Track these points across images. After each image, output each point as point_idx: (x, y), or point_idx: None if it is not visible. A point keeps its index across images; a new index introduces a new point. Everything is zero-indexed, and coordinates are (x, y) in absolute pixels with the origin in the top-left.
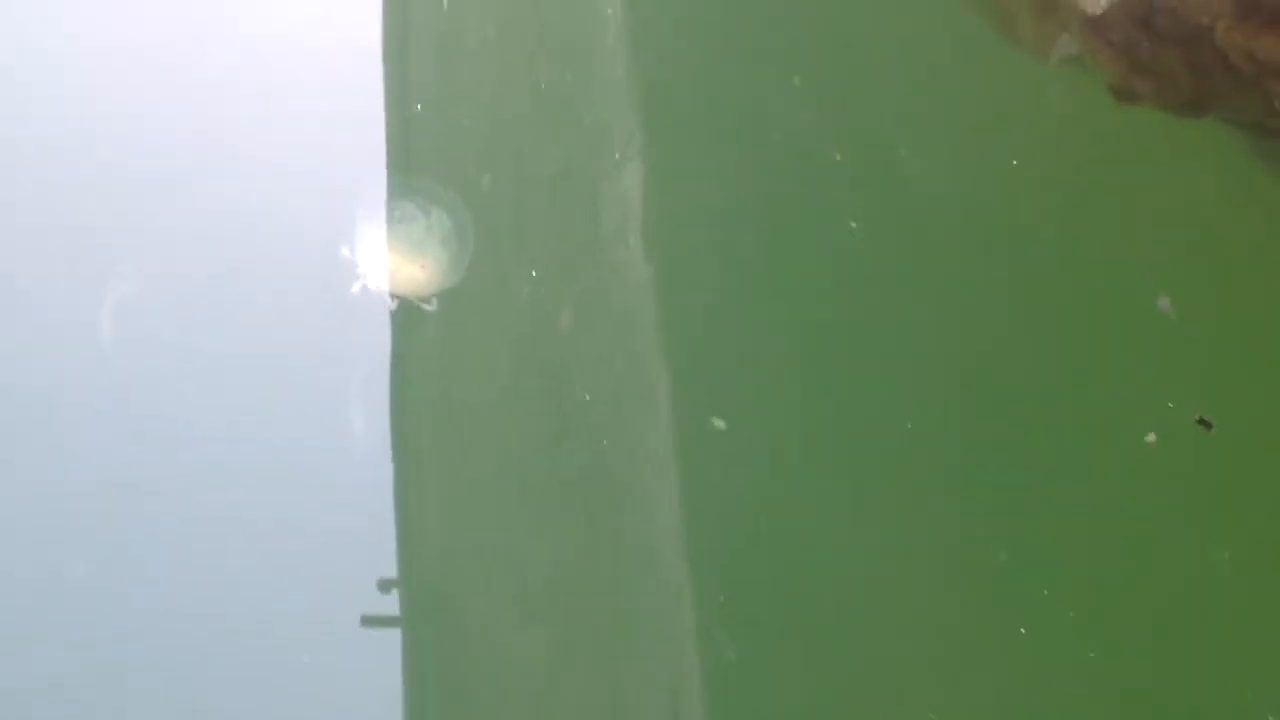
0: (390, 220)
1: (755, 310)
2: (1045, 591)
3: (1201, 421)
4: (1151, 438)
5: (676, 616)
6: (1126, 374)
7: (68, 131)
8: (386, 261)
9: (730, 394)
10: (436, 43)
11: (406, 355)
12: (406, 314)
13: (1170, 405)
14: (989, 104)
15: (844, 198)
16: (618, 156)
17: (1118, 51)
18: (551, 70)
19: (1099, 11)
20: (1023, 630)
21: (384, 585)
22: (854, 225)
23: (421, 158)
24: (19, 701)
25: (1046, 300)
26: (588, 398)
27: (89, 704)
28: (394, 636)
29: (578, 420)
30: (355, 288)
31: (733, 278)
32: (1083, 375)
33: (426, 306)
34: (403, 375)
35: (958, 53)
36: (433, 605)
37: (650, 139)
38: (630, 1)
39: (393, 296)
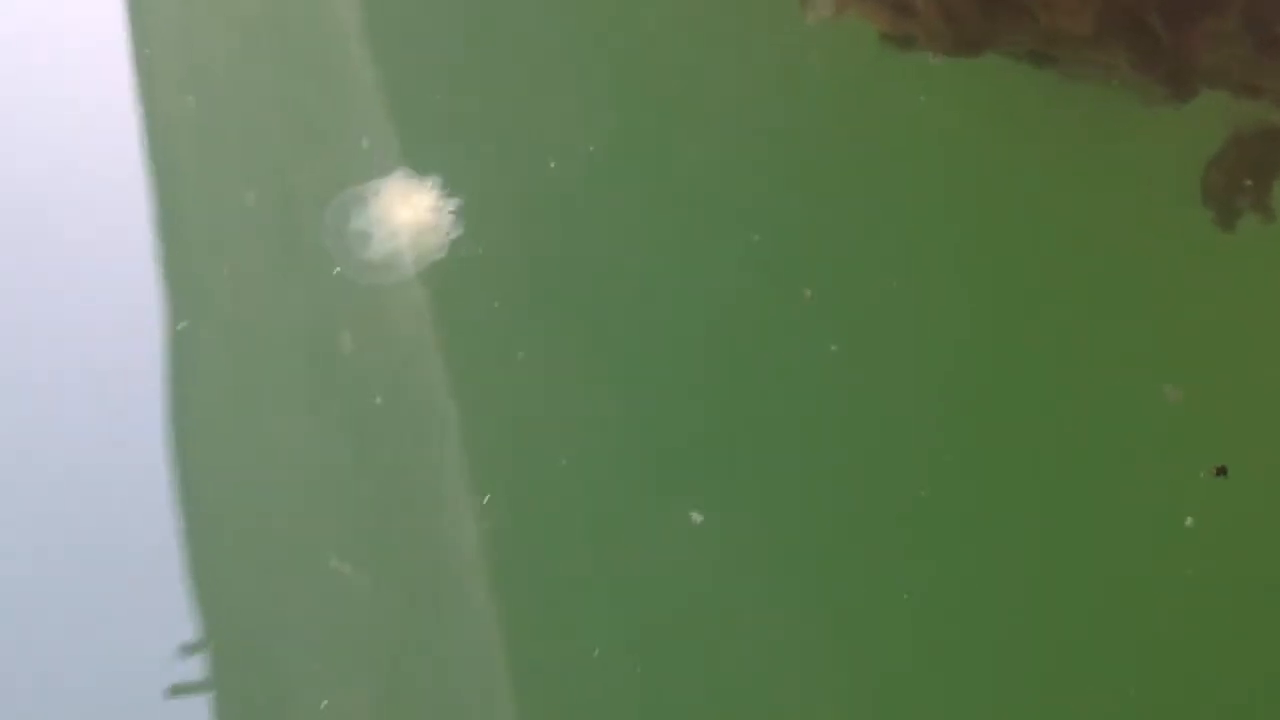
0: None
1: (544, 322)
2: None
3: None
4: None
5: (489, 663)
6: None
7: None
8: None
9: (527, 416)
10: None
11: (189, 383)
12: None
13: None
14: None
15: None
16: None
17: (881, 1)
18: (304, 84)
19: None
20: None
21: (186, 649)
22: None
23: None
24: None
25: (791, 274)
26: (381, 429)
27: None
28: (201, 704)
29: (375, 445)
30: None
31: (513, 293)
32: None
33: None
34: (185, 405)
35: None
36: (243, 665)
37: (408, 154)
38: (371, 18)
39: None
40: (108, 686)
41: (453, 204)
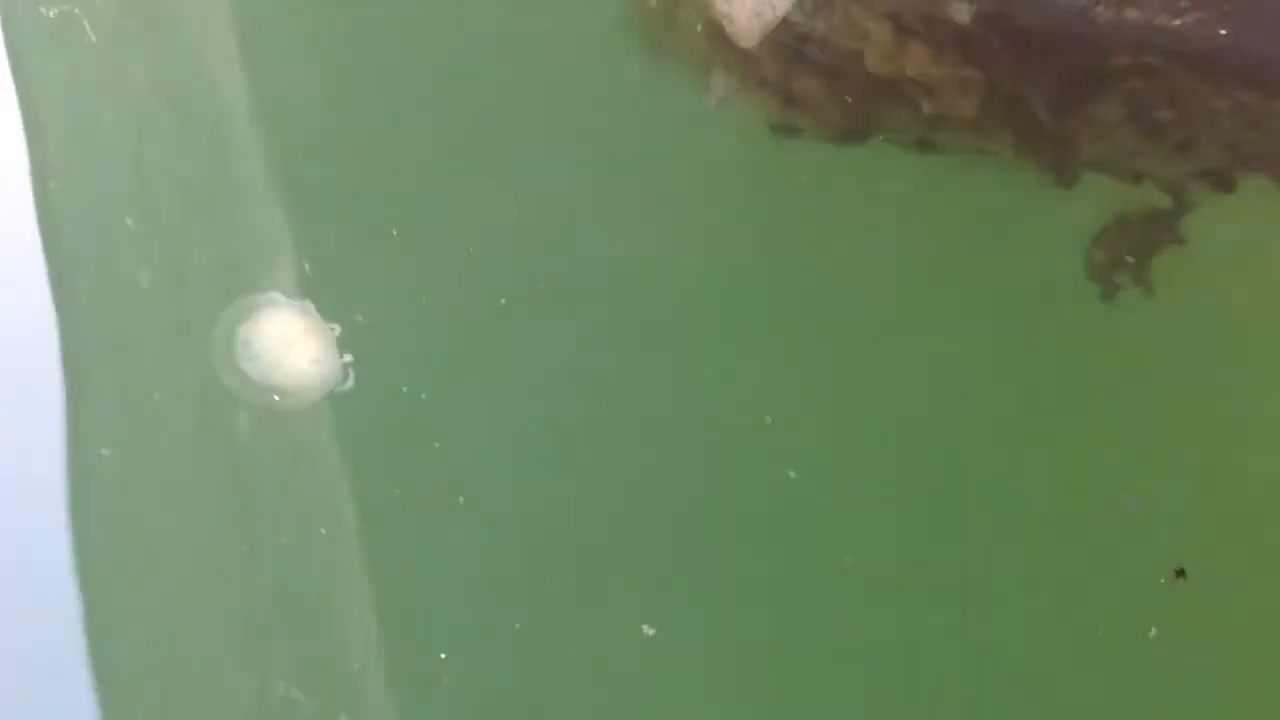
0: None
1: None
2: None
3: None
4: None
5: None
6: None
7: None
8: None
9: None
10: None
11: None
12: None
13: None
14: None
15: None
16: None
17: (771, 88)
18: (192, 161)
19: (752, 44)
20: None
21: None
22: (503, 301)
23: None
24: None
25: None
26: (273, 517)
27: None
28: None
29: (266, 537)
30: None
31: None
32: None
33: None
34: (78, 499)
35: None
36: None
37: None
38: (259, 88)
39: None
40: None
41: (338, 326)
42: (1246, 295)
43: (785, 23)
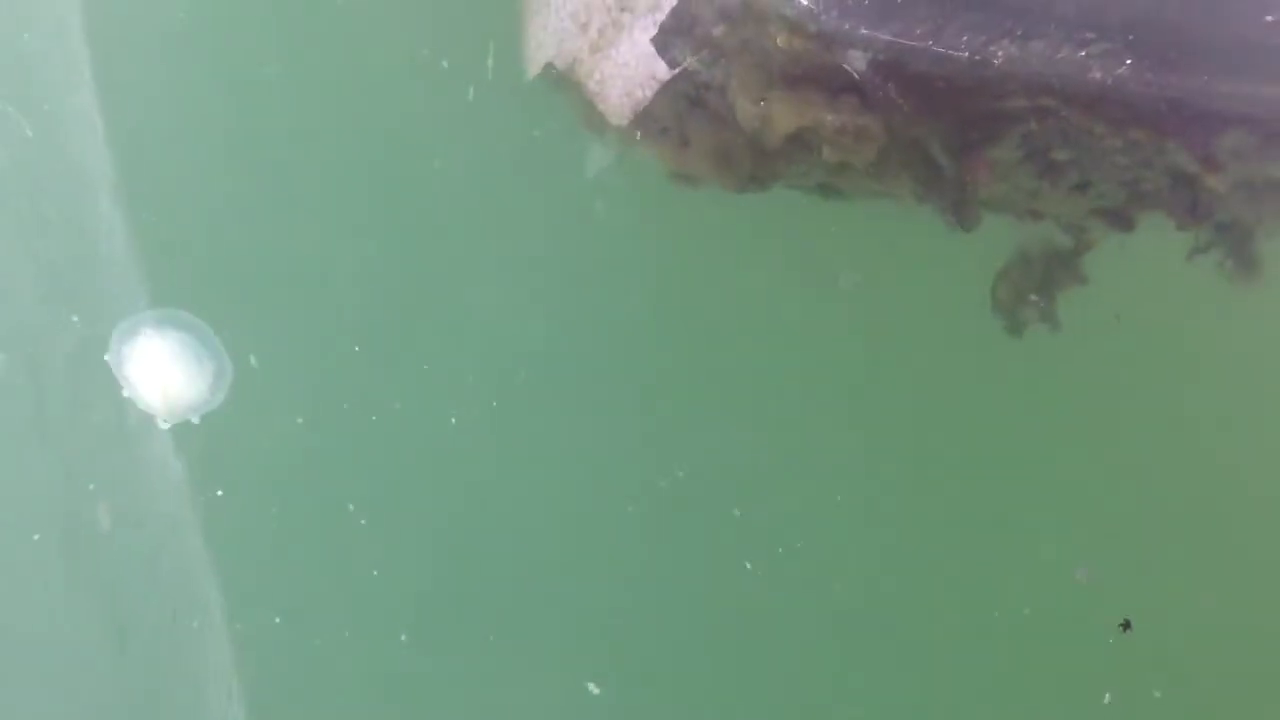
0: None
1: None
2: None
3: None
4: None
5: None
6: None
7: None
8: None
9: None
10: None
11: None
12: None
13: None
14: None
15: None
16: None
17: (669, 138)
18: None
19: (623, 123)
20: None
21: None
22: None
23: None
24: None
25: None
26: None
27: None
28: None
29: (136, 635)
30: None
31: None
32: None
33: None
34: None
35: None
36: None
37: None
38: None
39: None
40: None
41: (210, 366)
42: (1150, 331)
43: (684, 72)
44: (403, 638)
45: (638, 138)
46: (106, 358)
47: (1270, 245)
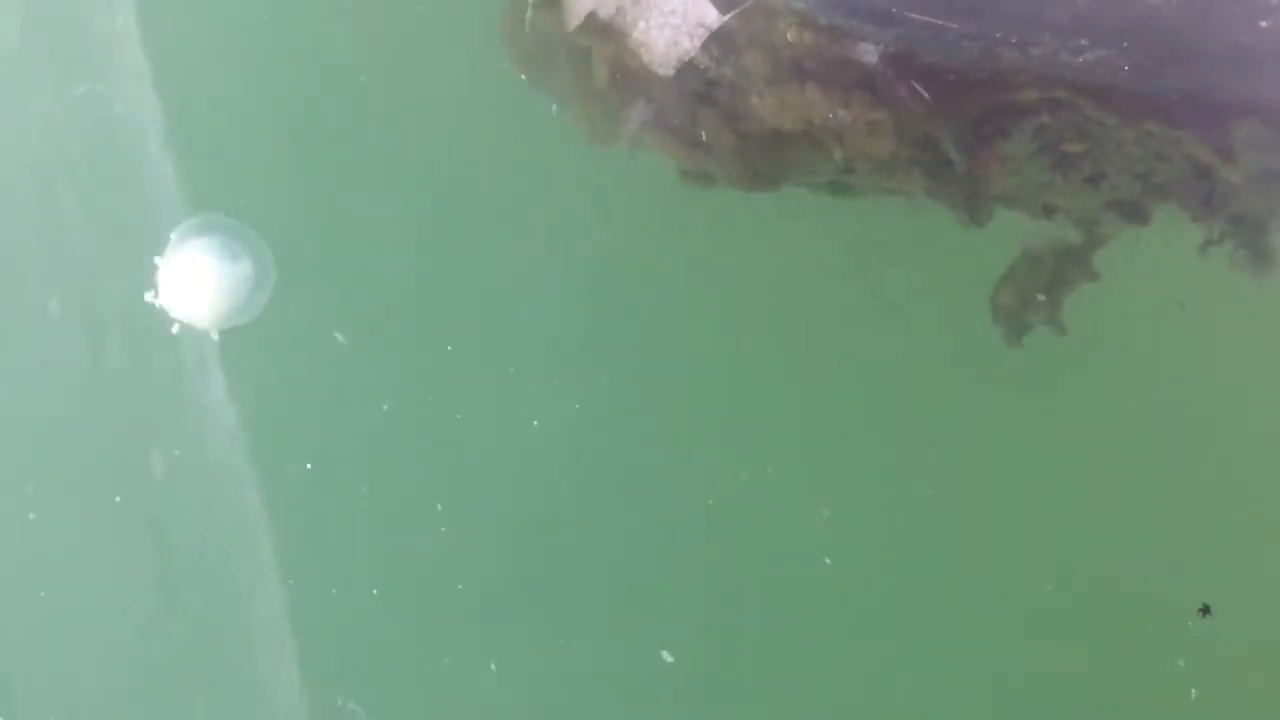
0: None
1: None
2: None
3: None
4: None
5: None
6: None
7: None
8: None
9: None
10: None
11: None
12: None
13: None
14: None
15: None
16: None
17: (680, 136)
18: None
19: (669, 73)
20: None
21: None
22: (449, 348)
23: None
24: None
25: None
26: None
27: None
28: None
29: (183, 587)
30: None
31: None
32: None
33: None
34: None
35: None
36: None
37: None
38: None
39: None
40: None
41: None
42: (1161, 328)
43: (693, 67)
44: (467, 600)
45: (653, 129)
46: (148, 296)
47: None
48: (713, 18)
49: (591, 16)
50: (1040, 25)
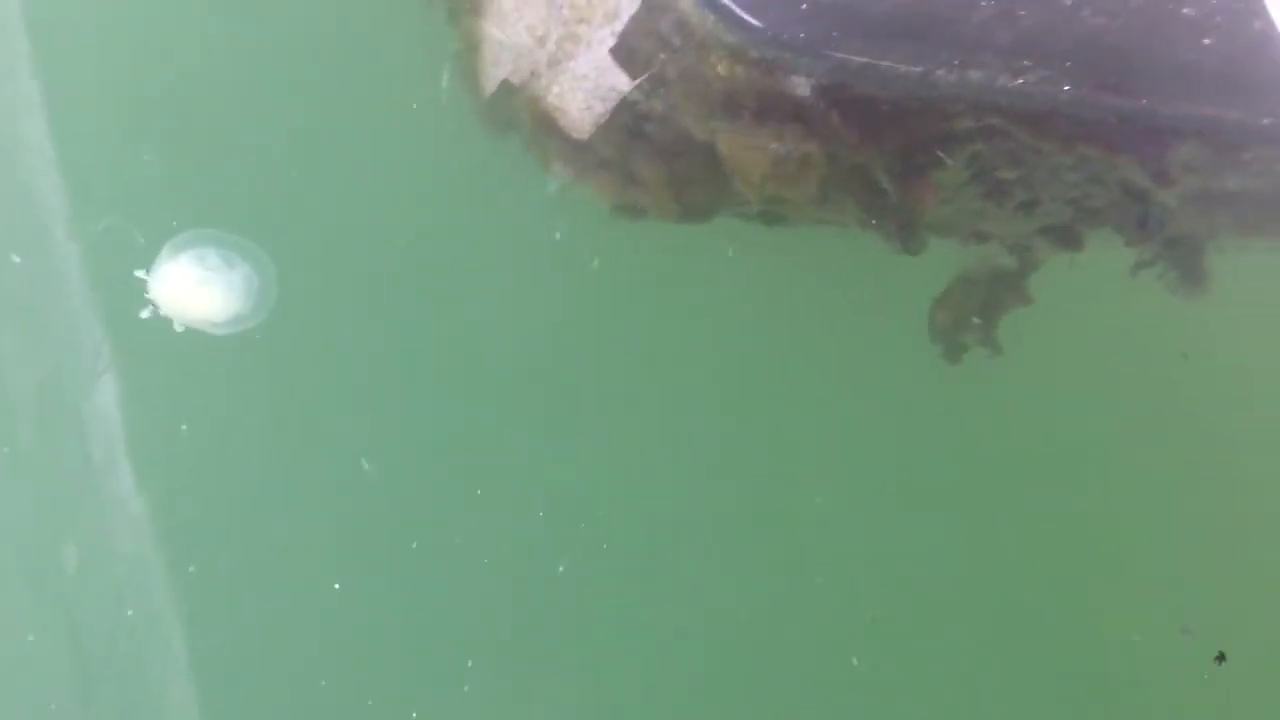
0: None
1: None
2: None
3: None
4: None
5: None
6: None
7: None
8: None
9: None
10: None
11: None
12: None
13: None
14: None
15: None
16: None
17: (611, 169)
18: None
19: (584, 137)
20: None
21: None
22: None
23: None
24: None
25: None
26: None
27: None
28: None
29: (101, 676)
30: None
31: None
32: None
33: None
34: None
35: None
36: None
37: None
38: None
39: None
40: None
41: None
42: (1098, 351)
43: (624, 102)
44: (387, 690)
45: (579, 174)
46: (144, 314)
47: (1219, 259)
48: (624, 83)
49: (505, 85)
50: (983, 46)
